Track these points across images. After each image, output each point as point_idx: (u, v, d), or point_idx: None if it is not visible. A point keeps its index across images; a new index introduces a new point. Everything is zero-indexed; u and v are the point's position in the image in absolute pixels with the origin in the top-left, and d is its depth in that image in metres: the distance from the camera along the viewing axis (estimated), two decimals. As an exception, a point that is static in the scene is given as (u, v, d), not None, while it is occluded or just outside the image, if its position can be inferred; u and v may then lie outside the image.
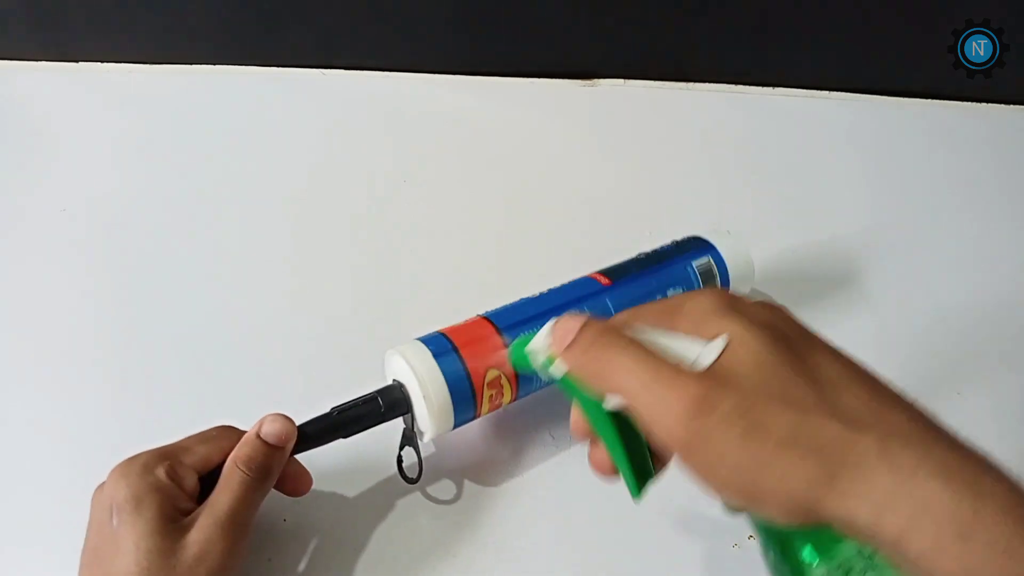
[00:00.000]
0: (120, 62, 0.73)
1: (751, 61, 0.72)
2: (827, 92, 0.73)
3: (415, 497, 0.45)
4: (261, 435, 0.38)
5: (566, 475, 0.46)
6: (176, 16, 0.70)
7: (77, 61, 0.73)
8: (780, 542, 0.28)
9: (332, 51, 0.72)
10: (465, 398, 0.41)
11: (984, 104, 0.72)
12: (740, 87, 0.73)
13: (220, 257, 0.58)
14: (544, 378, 0.32)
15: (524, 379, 0.43)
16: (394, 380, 0.43)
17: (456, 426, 0.43)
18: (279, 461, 0.38)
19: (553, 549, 0.43)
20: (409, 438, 0.43)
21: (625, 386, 0.28)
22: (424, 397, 0.40)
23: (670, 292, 0.46)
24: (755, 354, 0.27)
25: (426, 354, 0.41)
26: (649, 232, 0.60)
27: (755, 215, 0.62)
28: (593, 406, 0.30)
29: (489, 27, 0.71)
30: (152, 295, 0.55)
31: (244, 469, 0.37)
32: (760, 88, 0.73)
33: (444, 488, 0.46)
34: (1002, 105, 0.72)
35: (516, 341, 0.33)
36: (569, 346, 0.30)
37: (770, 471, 0.25)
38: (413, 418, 0.42)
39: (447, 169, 0.66)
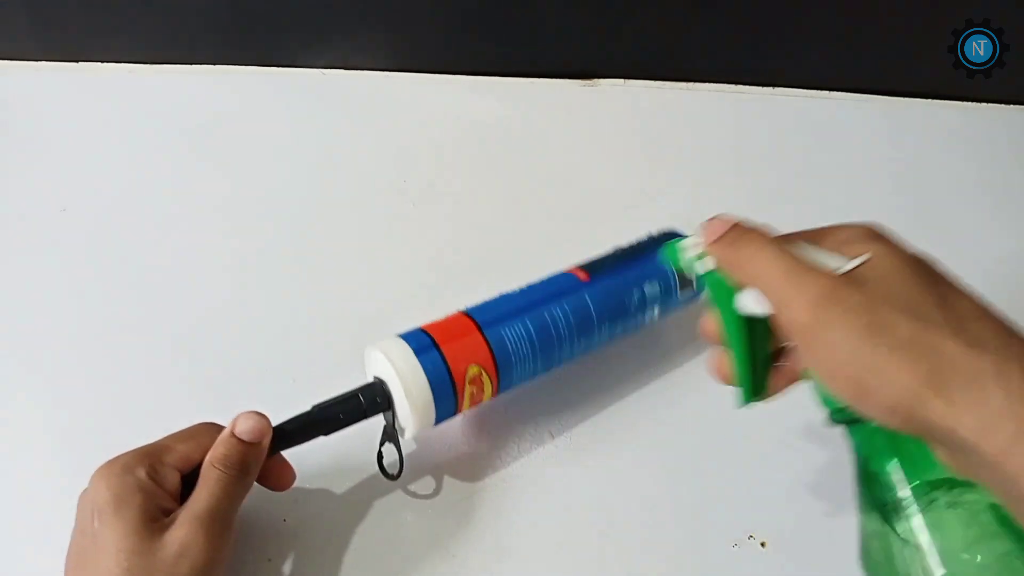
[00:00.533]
0: (121, 62, 0.73)
1: (751, 61, 0.72)
2: (827, 92, 0.73)
3: (415, 498, 0.45)
4: (236, 433, 0.38)
5: (564, 474, 0.46)
6: (177, 16, 0.70)
7: (78, 61, 0.72)
8: (872, 459, 0.30)
9: (332, 51, 0.72)
10: (446, 395, 0.41)
11: (984, 104, 0.72)
12: (740, 87, 0.73)
13: (219, 256, 0.58)
14: (690, 274, 0.35)
15: (504, 374, 0.43)
16: (375, 377, 0.43)
17: (437, 423, 0.43)
18: (255, 457, 0.38)
19: (550, 548, 0.43)
20: (390, 435, 0.43)
21: (762, 274, 0.30)
22: (406, 394, 0.40)
23: (646, 286, 0.47)
24: (893, 268, 0.28)
25: (407, 351, 0.41)
26: (648, 233, 0.60)
27: (754, 215, 0.62)
28: (730, 309, 0.32)
29: (489, 28, 0.71)
30: (151, 294, 0.55)
31: (220, 467, 0.37)
32: (760, 88, 0.73)
33: (443, 488, 0.46)
34: (1002, 105, 0.72)
35: (669, 244, 0.36)
36: (717, 239, 0.32)
37: (882, 367, 0.26)
38: (394, 415, 0.42)
39: (447, 169, 0.66)
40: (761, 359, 0.34)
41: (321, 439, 0.41)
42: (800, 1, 0.68)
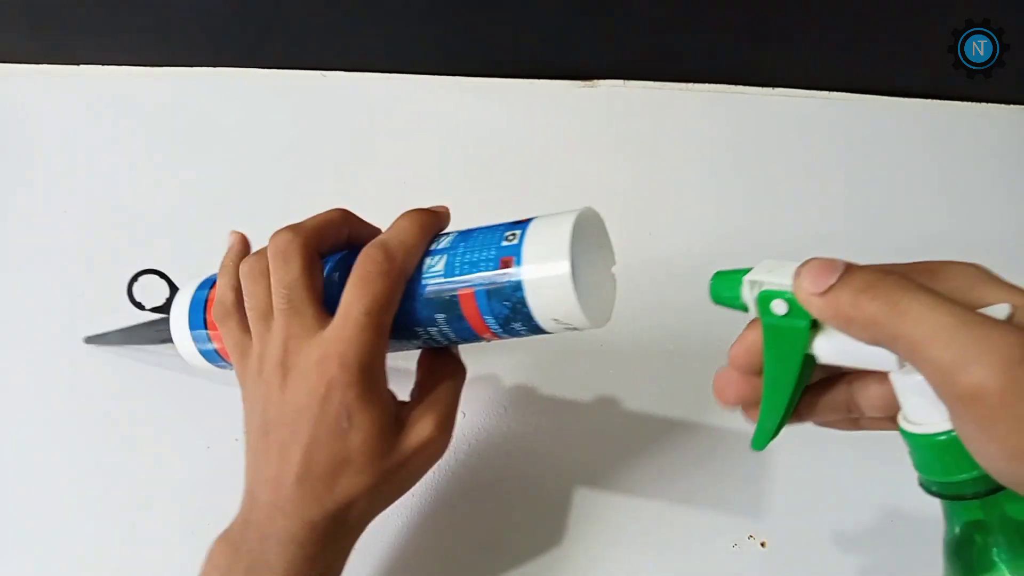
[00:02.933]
0: (120, 64, 0.73)
1: (750, 61, 0.72)
2: (827, 92, 0.73)
3: (413, 495, 0.45)
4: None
5: (563, 475, 0.46)
6: (176, 18, 0.70)
7: (77, 64, 0.73)
8: (974, 540, 0.27)
9: (331, 53, 0.72)
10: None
11: (984, 104, 0.72)
12: (740, 87, 0.73)
13: (219, 258, 0.58)
14: (746, 311, 0.30)
15: None
16: None
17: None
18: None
19: (550, 549, 0.43)
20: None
21: (917, 331, 0.24)
22: None
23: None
24: None
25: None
26: (649, 233, 0.60)
27: (754, 216, 0.63)
28: (795, 357, 0.28)
29: (488, 28, 0.71)
30: (152, 296, 0.55)
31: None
32: (760, 88, 0.73)
33: (443, 489, 0.46)
34: (1002, 105, 0.72)
35: (717, 276, 0.30)
36: (833, 288, 0.26)
37: None
38: None
39: (446, 171, 0.66)
40: (792, 406, 0.30)
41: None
42: (799, 1, 0.68)
